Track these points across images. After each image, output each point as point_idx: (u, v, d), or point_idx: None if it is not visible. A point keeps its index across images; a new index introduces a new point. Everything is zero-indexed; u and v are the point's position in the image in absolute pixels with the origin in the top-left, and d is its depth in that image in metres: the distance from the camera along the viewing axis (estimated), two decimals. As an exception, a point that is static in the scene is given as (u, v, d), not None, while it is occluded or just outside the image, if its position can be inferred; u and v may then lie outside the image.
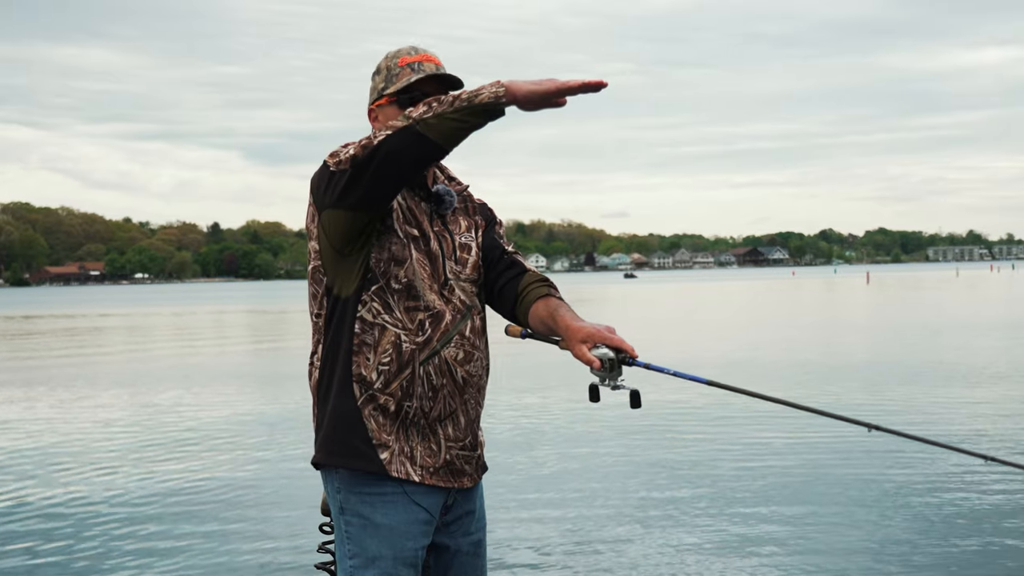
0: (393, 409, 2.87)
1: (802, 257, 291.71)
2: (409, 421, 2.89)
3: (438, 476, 2.93)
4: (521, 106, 2.66)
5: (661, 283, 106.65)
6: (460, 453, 2.98)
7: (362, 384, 2.87)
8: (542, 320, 2.99)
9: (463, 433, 2.98)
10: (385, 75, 3.01)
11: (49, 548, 6.98)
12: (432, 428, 2.92)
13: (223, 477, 9.22)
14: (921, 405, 12.48)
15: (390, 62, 3.02)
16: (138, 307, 64.93)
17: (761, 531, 6.98)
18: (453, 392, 2.94)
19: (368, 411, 2.87)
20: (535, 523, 7.35)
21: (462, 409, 2.97)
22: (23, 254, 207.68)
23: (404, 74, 2.98)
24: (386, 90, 3.00)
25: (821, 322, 30.92)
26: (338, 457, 2.89)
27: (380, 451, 2.87)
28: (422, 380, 2.88)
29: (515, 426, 11.66)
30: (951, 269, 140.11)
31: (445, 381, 2.92)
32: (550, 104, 2.65)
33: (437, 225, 2.99)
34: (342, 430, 2.89)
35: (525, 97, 2.64)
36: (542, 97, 2.64)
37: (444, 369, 2.91)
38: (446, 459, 2.95)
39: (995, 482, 8.12)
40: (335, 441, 2.90)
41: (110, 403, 14.84)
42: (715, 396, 13.18)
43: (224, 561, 6.61)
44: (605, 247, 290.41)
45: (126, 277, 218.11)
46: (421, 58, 3.00)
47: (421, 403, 2.89)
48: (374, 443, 2.87)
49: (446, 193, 3.02)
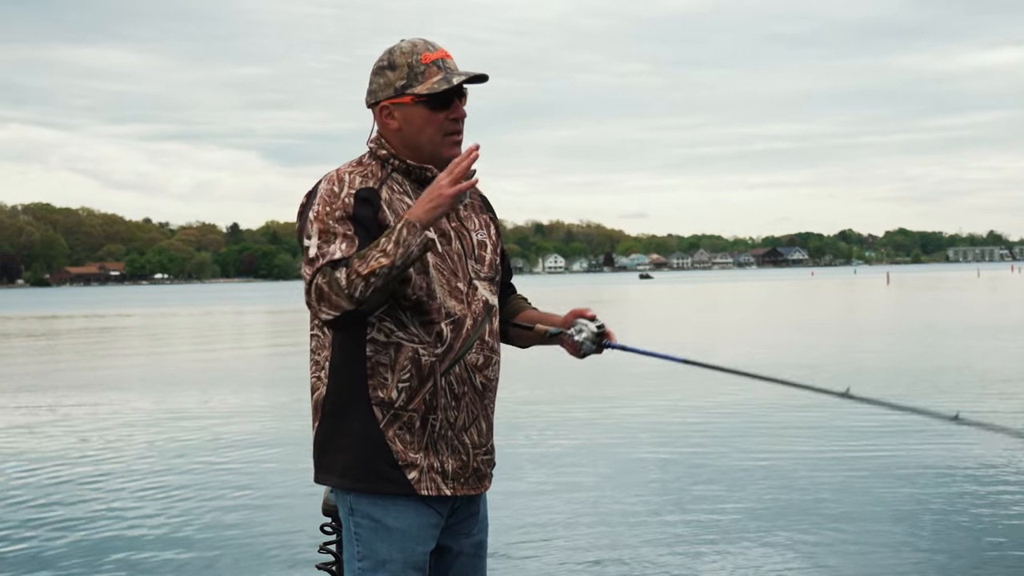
0: (419, 425, 2.81)
1: (821, 258, 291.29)
2: (437, 435, 2.83)
3: (468, 485, 2.90)
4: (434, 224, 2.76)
5: (676, 284, 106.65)
6: (484, 459, 2.96)
7: (382, 406, 2.80)
8: (532, 319, 3.16)
9: (484, 438, 2.95)
10: (407, 72, 2.84)
11: (50, 546, 6.94)
12: (459, 438, 2.87)
13: (224, 476, 9.18)
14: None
15: (411, 58, 2.85)
16: (158, 307, 65.32)
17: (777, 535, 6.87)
18: (474, 399, 2.90)
19: (392, 432, 2.81)
20: (538, 526, 7.26)
21: (483, 415, 2.93)
22: (44, 254, 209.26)
23: (431, 73, 2.85)
24: (409, 88, 2.85)
25: (841, 324, 30.75)
26: (364, 483, 2.82)
27: (408, 471, 2.81)
28: (444, 391, 2.83)
29: (521, 424, 11.58)
30: (972, 270, 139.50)
31: (466, 389, 2.87)
32: (454, 198, 2.73)
33: (454, 221, 2.92)
34: (366, 456, 2.81)
35: (431, 220, 2.72)
36: (444, 209, 2.73)
37: (465, 377, 2.86)
38: (473, 467, 2.91)
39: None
40: (361, 467, 2.82)
41: (119, 403, 14.86)
42: (715, 395, 13.05)
43: (224, 561, 6.56)
44: (624, 248, 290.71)
45: (146, 277, 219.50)
46: (441, 55, 2.88)
47: (446, 414, 2.84)
48: (400, 464, 2.81)
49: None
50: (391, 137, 2.90)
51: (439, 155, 2.89)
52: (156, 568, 6.44)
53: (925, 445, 9.67)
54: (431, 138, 2.87)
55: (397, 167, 2.89)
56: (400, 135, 2.89)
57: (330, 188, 2.81)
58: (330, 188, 2.81)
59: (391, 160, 2.89)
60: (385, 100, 2.88)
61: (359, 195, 2.79)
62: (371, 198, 2.80)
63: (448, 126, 2.88)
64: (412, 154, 2.90)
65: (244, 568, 6.41)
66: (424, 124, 2.86)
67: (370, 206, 2.79)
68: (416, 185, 2.89)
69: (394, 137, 2.90)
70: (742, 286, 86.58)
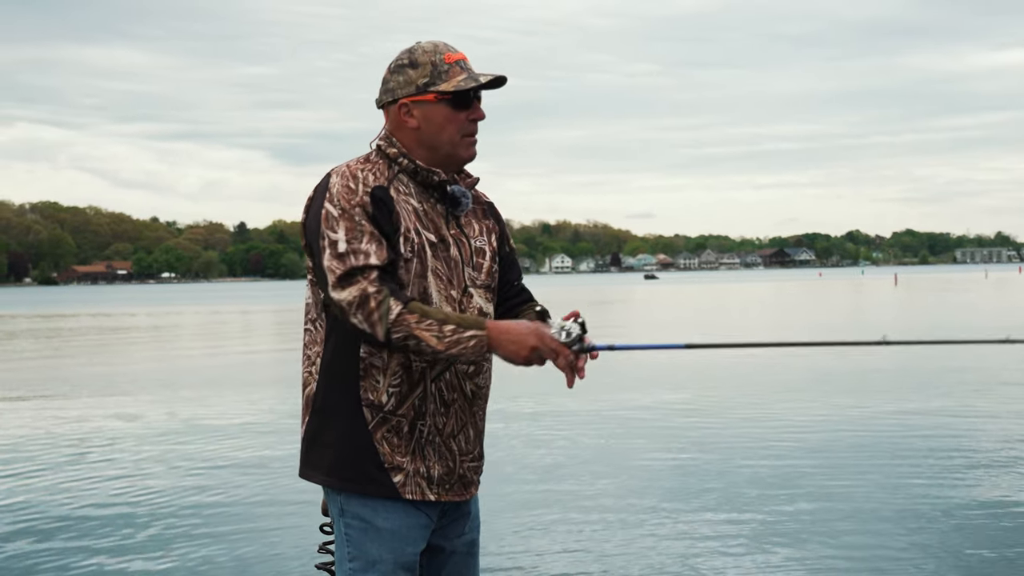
0: (407, 429, 2.83)
1: (828, 258, 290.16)
2: (424, 440, 2.85)
3: (453, 492, 2.92)
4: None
5: (681, 284, 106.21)
6: (470, 465, 2.97)
7: (372, 408, 2.83)
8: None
9: (472, 446, 2.97)
10: (430, 70, 2.85)
11: (50, 547, 6.97)
12: (447, 444, 2.89)
13: (225, 476, 9.17)
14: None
15: (434, 57, 2.86)
16: (164, 307, 65.25)
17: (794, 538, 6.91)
18: (464, 406, 2.92)
19: (380, 434, 2.83)
20: (536, 530, 7.30)
21: (471, 422, 2.95)
22: (51, 253, 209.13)
23: (455, 72, 2.86)
24: (432, 86, 2.85)
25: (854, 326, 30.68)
26: (350, 483, 2.85)
27: (393, 474, 2.83)
28: (434, 397, 2.85)
29: (519, 428, 11.60)
30: (980, 271, 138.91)
31: (456, 395, 2.89)
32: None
33: (453, 228, 2.92)
34: (352, 455, 2.84)
35: (501, 354, 2.77)
36: (519, 361, 2.76)
37: (455, 384, 2.88)
38: (459, 474, 2.93)
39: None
40: (346, 466, 2.85)
41: (119, 402, 14.88)
42: (717, 396, 13.03)
43: (224, 560, 6.57)
44: (631, 248, 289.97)
45: (153, 276, 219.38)
46: (461, 56, 2.90)
47: (434, 420, 2.86)
48: (386, 467, 2.83)
49: (462, 195, 2.94)
50: (406, 136, 2.90)
51: (456, 155, 2.91)
52: (153, 567, 6.45)
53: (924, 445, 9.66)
54: (451, 137, 2.88)
55: (404, 167, 2.88)
56: (417, 134, 2.89)
57: (345, 183, 2.80)
58: (345, 183, 2.80)
59: (399, 159, 2.88)
60: (405, 98, 2.87)
61: (375, 194, 2.79)
62: (385, 198, 2.80)
63: (468, 127, 2.90)
64: (427, 154, 2.89)
65: (244, 567, 6.41)
66: (445, 123, 2.87)
67: (385, 207, 2.79)
68: (421, 188, 2.89)
69: (410, 136, 2.90)
70: (749, 287, 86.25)
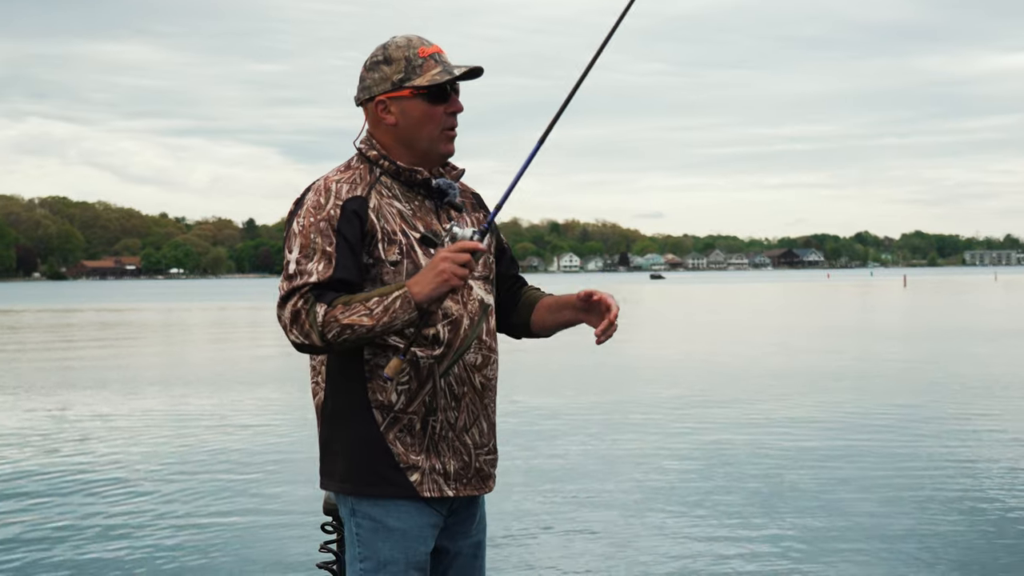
0: (419, 427, 2.81)
1: (837, 259, 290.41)
2: (438, 436, 2.83)
3: (471, 486, 2.90)
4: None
5: (687, 284, 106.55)
6: (487, 459, 2.95)
7: (382, 409, 2.80)
8: (549, 307, 3.07)
9: (486, 438, 2.95)
10: (404, 65, 2.84)
11: (51, 548, 6.97)
12: (460, 439, 2.87)
13: (225, 475, 9.18)
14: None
15: (408, 51, 2.85)
16: (172, 303, 65.52)
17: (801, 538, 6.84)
18: (474, 399, 2.90)
19: (393, 435, 2.81)
20: (539, 531, 7.23)
21: (483, 414, 2.93)
22: (60, 248, 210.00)
23: (429, 66, 2.85)
24: (407, 82, 2.84)
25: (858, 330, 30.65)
26: (366, 487, 2.82)
27: (409, 473, 2.81)
28: (444, 392, 2.83)
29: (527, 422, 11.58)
30: (989, 273, 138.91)
31: (466, 389, 2.87)
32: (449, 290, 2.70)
33: (447, 222, 2.90)
34: (367, 458, 2.82)
35: (431, 300, 2.69)
36: (448, 289, 2.68)
37: (464, 377, 2.86)
38: (476, 467, 2.91)
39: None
40: (361, 470, 2.82)
41: (119, 402, 14.90)
42: (718, 397, 13.01)
43: (225, 559, 6.57)
44: (639, 247, 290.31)
45: (161, 272, 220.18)
46: (435, 49, 2.89)
47: (446, 415, 2.84)
48: (401, 467, 2.81)
49: (448, 187, 2.92)
50: (384, 135, 2.90)
51: (435, 150, 2.90)
52: (155, 567, 6.45)
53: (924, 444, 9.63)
54: (429, 132, 2.87)
55: (387, 169, 2.87)
56: (395, 131, 2.88)
57: (316, 199, 2.81)
58: (316, 199, 2.81)
59: (381, 161, 2.88)
60: (381, 94, 2.87)
61: (346, 207, 2.78)
62: (359, 209, 2.79)
63: (446, 120, 2.88)
64: (406, 152, 2.89)
65: (245, 567, 6.41)
66: (423, 118, 2.86)
67: (357, 218, 2.78)
68: (406, 188, 2.88)
69: (388, 134, 2.89)
70: (756, 287, 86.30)
